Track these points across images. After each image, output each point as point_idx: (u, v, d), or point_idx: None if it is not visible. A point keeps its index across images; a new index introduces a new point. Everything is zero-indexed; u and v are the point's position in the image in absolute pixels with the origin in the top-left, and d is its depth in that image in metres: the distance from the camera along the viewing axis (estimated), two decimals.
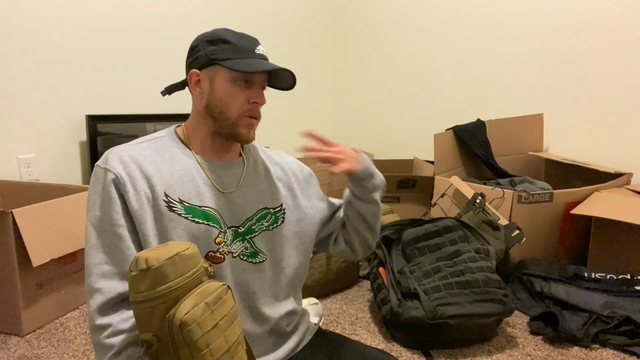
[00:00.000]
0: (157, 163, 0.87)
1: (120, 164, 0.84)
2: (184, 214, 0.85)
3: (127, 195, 0.82)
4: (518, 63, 2.66)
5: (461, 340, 1.54)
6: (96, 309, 0.78)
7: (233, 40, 0.89)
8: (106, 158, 0.85)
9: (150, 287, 0.70)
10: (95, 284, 0.79)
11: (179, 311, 0.69)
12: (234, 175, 0.93)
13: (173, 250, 0.72)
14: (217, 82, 0.89)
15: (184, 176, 0.87)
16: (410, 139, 3.18)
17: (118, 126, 2.26)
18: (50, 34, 2.06)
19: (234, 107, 0.88)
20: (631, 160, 2.30)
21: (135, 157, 0.86)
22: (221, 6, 2.77)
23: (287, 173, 1.02)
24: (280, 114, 3.22)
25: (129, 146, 0.89)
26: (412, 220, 1.83)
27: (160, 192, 0.84)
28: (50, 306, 1.68)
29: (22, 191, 1.90)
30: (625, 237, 1.86)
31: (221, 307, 0.73)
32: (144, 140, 0.91)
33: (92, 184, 0.85)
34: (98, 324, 0.77)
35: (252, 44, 0.90)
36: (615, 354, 1.50)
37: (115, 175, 0.82)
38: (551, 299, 1.73)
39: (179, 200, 0.85)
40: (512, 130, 2.49)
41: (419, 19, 3.05)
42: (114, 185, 0.82)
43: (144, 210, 0.82)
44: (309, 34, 3.37)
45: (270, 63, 0.90)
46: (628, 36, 2.28)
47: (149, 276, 0.70)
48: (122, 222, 0.81)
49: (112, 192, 0.82)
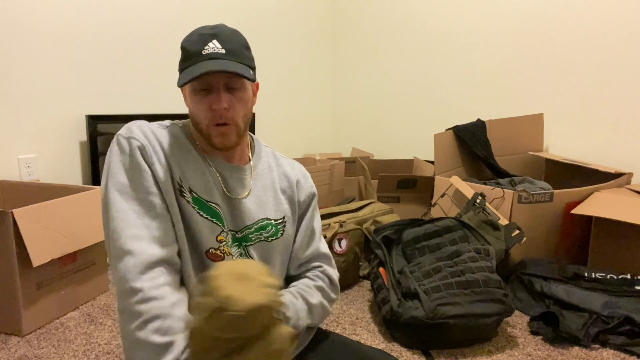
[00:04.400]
0: (174, 148, 0.87)
1: (144, 137, 0.83)
2: (192, 203, 0.85)
3: (154, 167, 0.81)
4: (518, 63, 2.66)
5: (461, 340, 1.54)
6: (127, 271, 0.76)
7: (187, 45, 0.85)
8: (129, 129, 0.84)
9: (221, 329, 0.64)
10: (125, 245, 0.77)
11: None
12: (240, 181, 0.92)
13: (258, 294, 0.64)
14: (187, 94, 0.89)
15: (197, 170, 0.87)
16: (410, 139, 3.18)
17: (118, 126, 2.26)
18: (50, 34, 2.06)
19: (201, 118, 0.86)
20: (631, 160, 2.30)
21: (156, 134, 0.86)
22: (221, 6, 2.77)
23: (292, 186, 0.99)
24: (280, 114, 3.22)
25: (150, 124, 0.88)
26: (412, 220, 1.83)
27: (176, 174, 0.84)
28: (50, 306, 1.68)
29: (22, 191, 1.90)
30: (625, 237, 1.86)
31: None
32: (162, 126, 0.90)
33: (113, 152, 0.83)
34: (129, 287, 0.75)
35: (201, 44, 0.84)
36: (615, 354, 1.50)
37: (142, 144, 0.82)
38: (551, 299, 1.73)
39: (189, 190, 0.85)
40: (512, 130, 2.49)
41: (419, 19, 3.05)
42: (141, 154, 0.81)
43: (168, 184, 0.83)
44: (309, 34, 3.37)
45: (215, 62, 0.83)
46: (628, 36, 2.28)
47: (225, 318, 0.63)
48: (154, 190, 0.81)
49: (140, 160, 0.81)
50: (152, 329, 0.74)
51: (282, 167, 1.00)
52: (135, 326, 0.74)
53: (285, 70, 3.23)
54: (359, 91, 3.45)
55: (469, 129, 2.47)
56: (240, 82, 0.87)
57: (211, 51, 0.84)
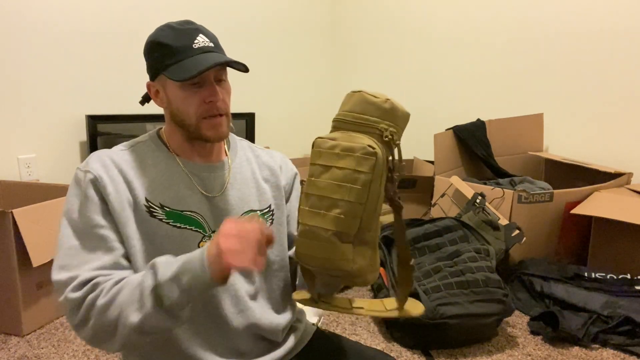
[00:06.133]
0: (138, 168, 0.85)
1: (101, 167, 0.82)
2: (165, 219, 0.83)
3: (109, 198, 0.80)
4: (518, 63, 2.65)
5: (461, 340, 1.54)
6: (60, 288, 0.76)
7: (170, 41, 0.84)
8: (87, 162, 0.83)
9: (382, 116, 0.72)
10: (55, 274, 0.78)
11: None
12: (218, 178, 0.90)
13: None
14: (169, 91, 0.86)
15: (166, 181, 0.85)
16: (410, 139, 3.17)
17: (118, 126, 2.26)
18: (50, 34, 2.06)
19: (191, 113, 0.84)
20: (631, 160, 2.30)
21: (116, 161, 0.84)
22: (221, 6, 2.77)
23: (275, 173, 0.98)
24: (280, 114, 3.22)
25: (111, 151, 0.87)
26: (412, 220, 1.83)
27: (141, 197, 0.82)
28: (50, 306, 1.68)
29: (22, 191, 1.90)
30: (625, 237, 1.86)
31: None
32: (126, 147, 0.89)
33: (71, 186, 0.82)
34: (64, 298, 0.75)
35: (189, 39, 0.83)
36: (615, 354, 1.50)
37: (95, 176, 0.80)
38: (551, 299, 1.73)
39: (159, 206, 0.83)
40: (512, 130, 2.49)
41: (419, 19, 3.05)
42: (94, 187, 0.80)
43: (126, 213, 0.80)
44: (309, 34, 3.37)
45: (212, 55, 0.83)
46: (628, 36, 2.28)
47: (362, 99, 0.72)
48: (104, 223, 0.79)
49: (91, 194, 0.79)
50: (115, 295, 0.72)
51: (261, 158, 0.99)
52: (102, 311, 0.72)
53: (285, 70, 3.23)
54: None
55: (469, 129, 2.47)
56: (226, 74, 0.89)
57: (202, 45, 0.83)
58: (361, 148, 0.69)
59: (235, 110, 0.93)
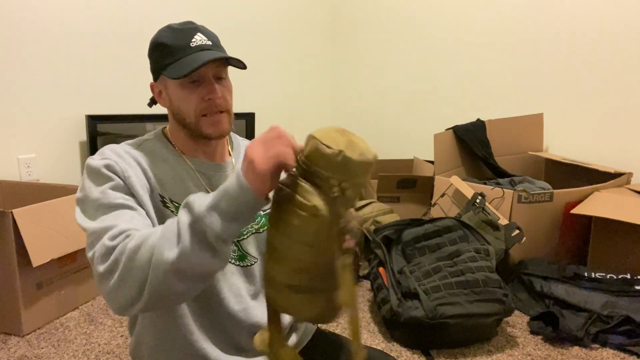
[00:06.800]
0: (150, 162, 0.86)
1: (116, 155, 0.82)
2: (175, 213, 0.83)
3: (129, 180, 0.79)
4: (518, 63, 2.65)
5: (461, 340, 1.54)
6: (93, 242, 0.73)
7: (168, 40, 0.85)
8: (100, 152, 0.84)
9: (355, 173, 0.63)
10: (94, 232, 0.74)
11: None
12: (223, 178, 0.91)
13: (370, 153, 0.64)
14: (170, 90, 0.87)
15: (175, 177, 0.86)
16: (410, 139, 3.17)
17: (118, 126, 2.26)
18: (50, 34, 2.06)
19: (190, 111, 0.85)
20: (631, 160, 2.30)
21: (129, 152, 0.85)
22: (222, 6, 2.77)
23: None
24: (279, 114, 3.22)
25: (120, 145, 0.87)
26: (412, 220, 1.83)
27: (155, 186, 0.83)
28: (50, 306, 1.68)
29: (22, 191, 1.90)
30: (625, 237, 1.86)
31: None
32: (133, 144, 0.89)
33: (85, 177, 0.81)
34: (101, 244, 0.71)
35: (187, 38, 0.84)
36: (615, 353, 1.50)
37: (114, 161, 0.80)
38: (551, 299, 1.73)
39: (169, 200, 0.84)
40: (512, 130, 2.49)
41: (420, 18, 3.05)
42: (112, 170, 0.79)
43: (146, 198, 0.81)
44: (309, 34, 3.37)
45: (208, 53, 0.84)
46: (628, 36, 2.28)
47: (357, 163, 0.62)
48: (129, 198, 0.78)
49: (112, 175, 0.79)
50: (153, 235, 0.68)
51: None
52: (134, 252, 0.67)
53: (285, 70, 3.23)
54: (359, 91, 3.45)
55: (469, 129, 2.47)
56: (226, 72, 0.89)
57: (200, 43, 0.84)
58: (310, 208, 0.63)
59: (235, 110, 0.94)
